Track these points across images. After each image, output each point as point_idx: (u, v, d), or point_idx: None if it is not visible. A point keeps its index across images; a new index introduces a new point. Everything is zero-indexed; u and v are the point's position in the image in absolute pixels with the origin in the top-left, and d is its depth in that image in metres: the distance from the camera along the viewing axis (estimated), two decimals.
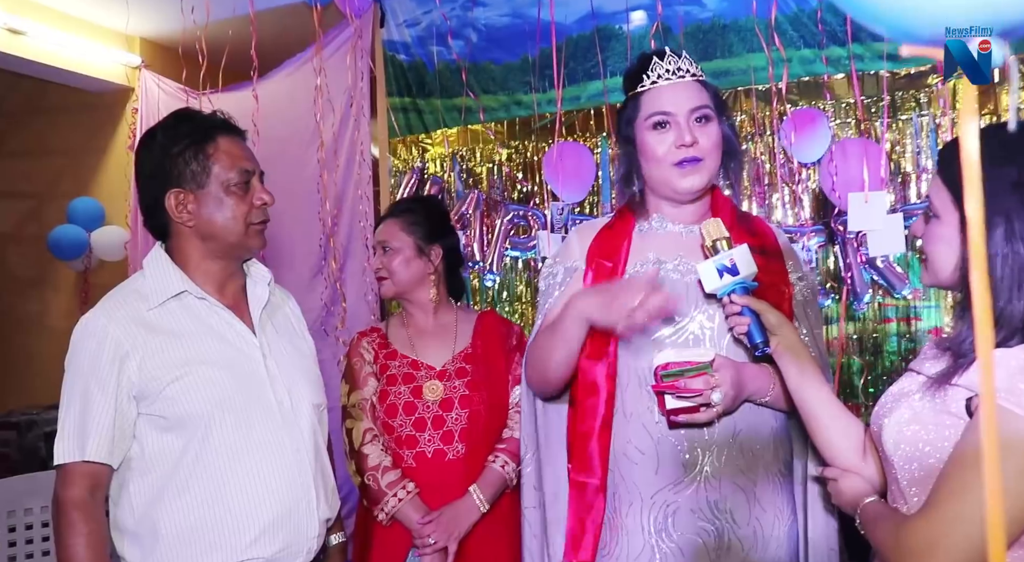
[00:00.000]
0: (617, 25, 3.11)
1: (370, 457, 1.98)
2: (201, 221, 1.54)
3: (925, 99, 2.87)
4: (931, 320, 2.86)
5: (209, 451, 1.48)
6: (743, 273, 1.42)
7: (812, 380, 1.39)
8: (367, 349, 2.12)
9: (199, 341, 1.52)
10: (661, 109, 1.57)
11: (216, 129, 1.56)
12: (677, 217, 1.65)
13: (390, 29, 3.46)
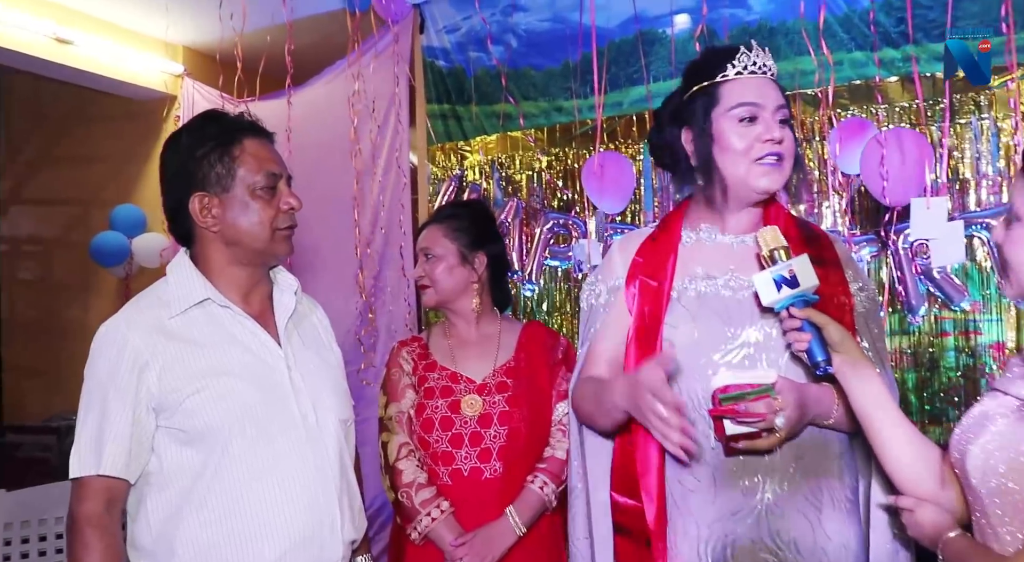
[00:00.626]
0: (660, 29, 3.03)
1: (404, 473, 1.92)
2: (226, 226, 1.49)
3: (985, 102, 2.74)
4: (992, 334, 2.72)
5: (229, 466, 1.42)
6: (803, 285, 1.32)
7: (880, 400, 1.29)
8: (407, 359, 2.06)
9: (221, 351, 1.47)
10: (751, 100, 1.48)
11: (243, 131, 1.51)
12: (729, 226, 1.56)
13: (429, 35, 3.43)
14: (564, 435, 1.97)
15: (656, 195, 3.08)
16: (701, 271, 1.54)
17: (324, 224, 3.27)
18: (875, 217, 2.82)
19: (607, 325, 1.60)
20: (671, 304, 1.53)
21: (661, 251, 1.58)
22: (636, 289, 1.56)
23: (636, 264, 1.60)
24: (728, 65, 1.50)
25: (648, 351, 1.50)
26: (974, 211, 2.68)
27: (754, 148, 1.47)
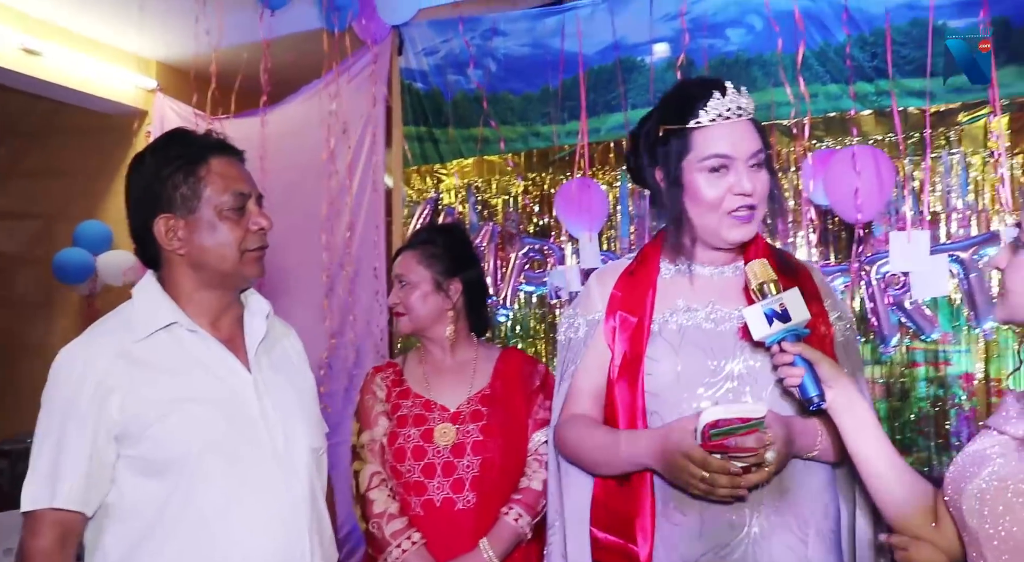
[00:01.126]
0: (639, 57, 3.05)
1: (376, 503, 1.87)
2: (192, 248, 1.43)
3: (955, 137, 2.79)
4: (961, 365, 2.75)
5: (195, 498, 1.36)
6: (795, 319, 1.30)
7: (873, 437, 1.27)
8: (380, 386, 2.02)
9: (188, 377, 1.41)
10: (721, 152, 1.43)
11: (209, 150, 1.45)
12: (708, 259, 1.54)
13: (408, 57, 3.42)
14: (540, 465, 1.93)
15: (632, 222, 3.09)
16: (682, 303, 1.52)
17: (296, 245, 3.23)
18: (848, 248, 2.85)
19: (587, 360, 1.58)
20: (652, 338, 1.50)
21: (640, 284, 1.55)
22: (616, 323, 1.54)
23: (615, 297, 1.56)
24: (700, 110, 1.44)
25: (632, 387, 1.48)
26: (945, 244, 2.71)
27: (726, 200, 1.44)
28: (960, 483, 1.08)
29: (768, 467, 1.32)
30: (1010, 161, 2.68)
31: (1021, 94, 2.65)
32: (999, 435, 1.08)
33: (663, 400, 1.46)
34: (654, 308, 1.52)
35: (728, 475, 1.31)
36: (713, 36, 2.94)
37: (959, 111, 2.74)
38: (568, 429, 1.56)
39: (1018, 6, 2.60)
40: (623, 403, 1.48)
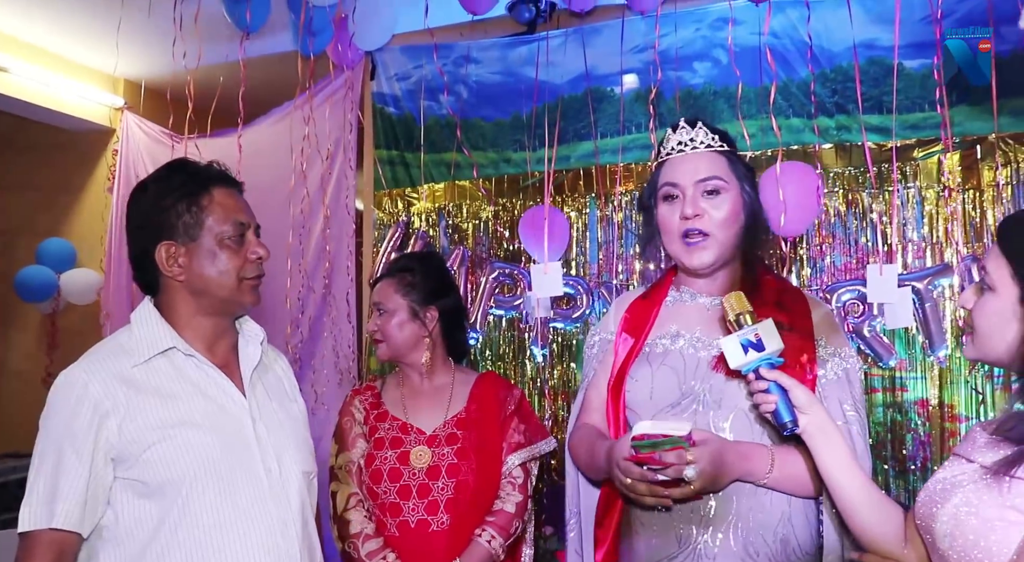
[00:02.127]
0: (609, 87, 3.12)
1: (352, 523, 1.91)
2: (192, 275, 1.47)
3: (910, 172, 2.89)
4: (917, 391, 2.84)
5: (189, 520, 1.38)
6: (769, 349, 1.36)
7: (845, 462, 1.31)
8: (359, 408, 2.06)
9: (185, 401, 1.44)
10: (669, 180, 1.59)
11: (211, 180, 1.51)
12: (703, 288, 1.66)
13: (380, 82, 3.46)
14: (514, 488, 1.99)
15: (601, 248, 3.14)
16: (675, 328, 1.63)
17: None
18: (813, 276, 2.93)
19: (598, 375, 1.72)
20: (639, 359, 1.63)
21: (646, 308, 1.69)
22: (621, 343, 1.67)
23: (625, 320, 1.70)
24: (662, 148, 1.64)
25: (616, 401, 1.62)
26: (901, 274, 2.80)
27: (674, 226, 1.58)
28: (931, 508, 1.14)
29: (692, 483, 1.39)
30: (961, 196, 2.80)
31: (972, 133, 2.76)
32: (968, 463, 1.14)
33: (638, 416, 1.58)
34: (651, 331, 1.64)
35: (647, 484, 1.41)
36: (681, 69, 3.02)
37: (915, 147, 2.85)
38: (573, 437, 1.73)
39: None
40: (611, 415, 1.63)
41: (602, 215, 3.14)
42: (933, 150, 2.81)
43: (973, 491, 1.08)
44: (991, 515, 1.05)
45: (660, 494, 1.42)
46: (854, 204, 2.91)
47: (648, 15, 2.96)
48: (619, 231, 3.10)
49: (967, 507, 1.08)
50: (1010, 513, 1.03)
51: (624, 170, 3.08)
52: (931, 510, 1.13)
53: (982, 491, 1.07)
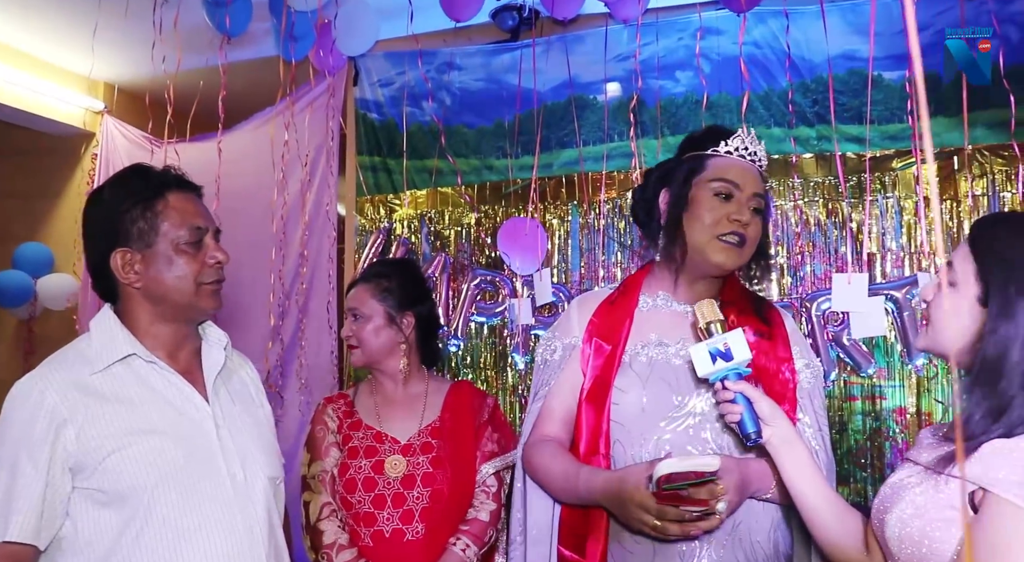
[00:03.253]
0: (591, 95, 3.13)
1: (326, 534, 1.88)
2: (149, 281, 1.45)
3: (889, 182, 2.92)
4: (896, 399, 2.86)
5: (151, 530, 1.35)
6: (737, 359, 1.36)
7: (807, 472, 1.33)
8: (331, 417, 2.03)
9: (146, 408, 1.42)
10: (730, 178, 1.53)
11: (166, 185, 1.48)
12: (685, 296, 1.61)
13: (363, 88, 3.45)
14: (488, 497, 1.98)
15: (583, 256, 3.15)
16: (655, 337, 1.58)
17: (245, 273, 3.21)
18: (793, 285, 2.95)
19: (560, 383, 1.63)
20: (622, 368, 1.57)
21: (617, 314, 1.62)
22: (591, 350, 1.60)
23: (592, 324, 1.63)
24: (722, 141, 1.57)
25: (598, 413, 1.54)
26: (879, 283, 2.83)
27: (720, 223, 1.52)
28: (882, 513, 1.15)
29: (720, 515, 1.37)
30: (939, 207, 2.83)
31: (949, 144, 2.79)
32: (915, 466, 1.15)
33: (627, 430, 1.52)
34: (628, 339, 1.59)
35: (680, 523, 1.36)
36: (664, 77, 3.04)
37: (893, 158, 2.88)
38: (535, 452, 1.62)
39: None
40: (588, 427, 1.54)
41: (584, 223, 3.15)
42: (911, 160, 2.84)
43: (919, 493, 1.10)
44: (933, 516, 1.06)
45: (691, 531, 1.38)
46: (834, 213, 2.93)
47: (631, 24, 2.98)
48: (602, 239, 3.11)
49: (912, 509, 1.09)
50: (950, 512, 1.04)
51: (607, 178, 3.08)
52: (882, 516, 1.15)
53: (926, 492, 1.08)
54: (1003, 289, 1.07)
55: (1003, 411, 1.03)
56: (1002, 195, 2.78)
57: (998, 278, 1.08)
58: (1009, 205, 2.76)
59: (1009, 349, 1.04)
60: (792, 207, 2.95)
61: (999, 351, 1.05)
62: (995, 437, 1.02)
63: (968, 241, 1.16)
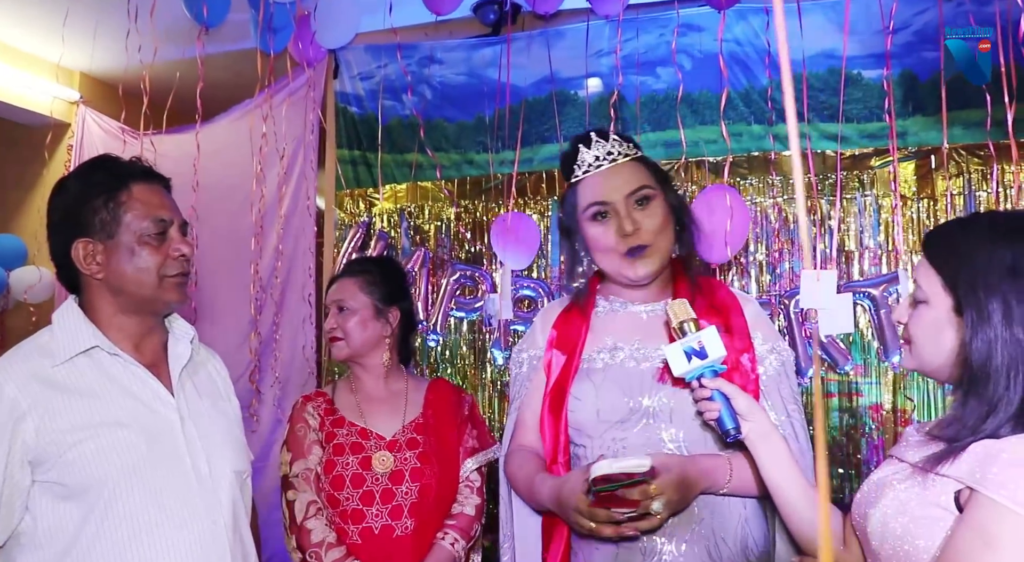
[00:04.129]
0: (572, 90, 3.12)
1: (314, 533, 1.84)
2: (110, 273, 1.44)
3: (867, 180, 2.94)
4: (872, 396, 2.88)
5: (112, 524, 1.33)
6: (712, 357, 1.37)
7: (785, 467, 1.34)
8: (312, 415, 2.00)
9: (109, 401, 1.40)
10: (597, 199, 1.53)
11: (131, 176, 1.47)
12: (637, 297, 1.62)
13: (343, 81, 3.42)
14: (472, 491, 1.99)
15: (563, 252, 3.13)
16: (610, 341, 1.59)
17: (224, 266, 3.18)
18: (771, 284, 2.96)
19: (530, 393, 1.66)
20: (579, 375, 1.58)
21: (575, 322, 1.63)
22: (552, 360, 1.61)
23: (552, 336, 1.65)
24: (575, 166, 1.56)
25: (556, 421, 1.56)
26: (857, 280, 2.85)
27: (616, 246, 1.52)
28: (865, 508, 1.16)
29: (658, 514, 1.38)
30: (916, 205, 2.85)
31: (926, 143, 2.82)
32: (900, 463, 1.16)
33: (586, 435, 1.54)
34: (585, 346, 1.59)
35: (613, 525, 1.38)
36: (644, 73, 3.04)
37: (871, 156, 2.90)
38: (509, 462, 1.66)
39: (923, 62, 2.77)
40: (549, 436, 1.57)
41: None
42: (889, 159, 2.86)
43: (903, 490, 1.10)
44: (917, 513, 1.07)
45: (626, 532, 1.39)
46: (813, 211, 2.94)
47: (612, 19, 2.97)
48: None
49: (896, 506, 1.10)
50: (935, 510, 1.05)
51: None
52: (864, 510, 1.16)
53: (910, 490, 1.09)
54: (973, 294, 1.07)
55: (991, 413, 1.04)
56: (978, 194, 2.81)
57: (965, 284, 1.08)
58: (985, 204, 2.78)
59: (992, 352, 1.05)
60: (771, 204, 2.96)
61: (984, 356, 1.06)
62: (983, 437, 1.02)
63: (926, 257, 1.16)
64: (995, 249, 1.06)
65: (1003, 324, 1.04)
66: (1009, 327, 1.04)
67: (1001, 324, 1.04)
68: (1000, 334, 1.04)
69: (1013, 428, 1.02)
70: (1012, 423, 1.02)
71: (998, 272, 1.05)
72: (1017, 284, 1.04)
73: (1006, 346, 1.04)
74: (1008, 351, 1.04)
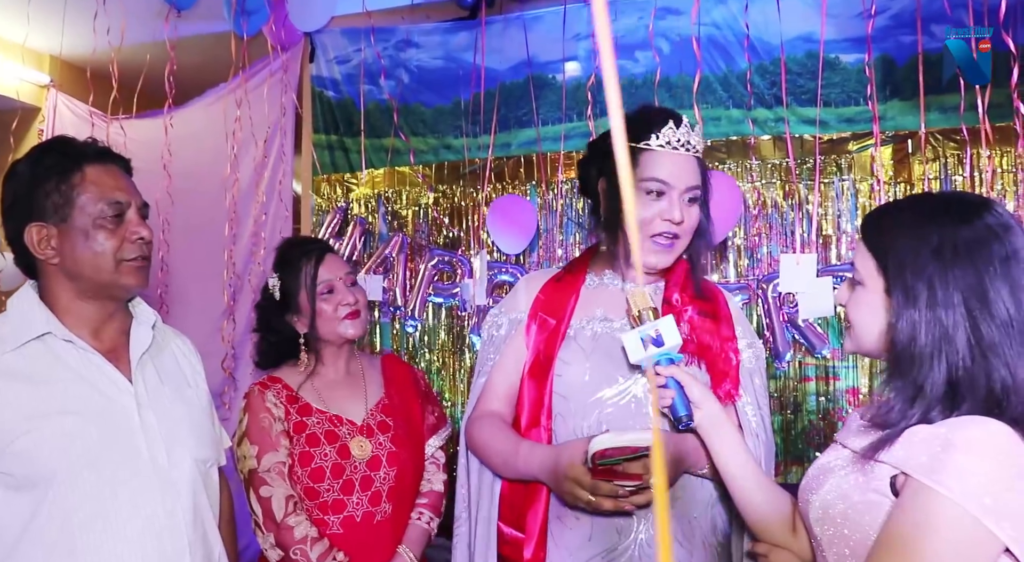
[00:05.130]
0: (550, 74, 3.10)
1: (296, 530, 1.77)
2: (65, 257, 1.40)
3: (845, 164, 2.94)
4: (849, 380, 2.90)
5: (64, 514, 1.30)
6: (668, 344, 1.39)
7: (737, 454, 1.35)
8: (275, 404, 1.87)
9: (61, 388, 1.36)
10: (661, 178, 1.50)
11: (85, 158, 1.43)
12: (630, 276, 1.62)
13: (319, 65, 3.38)
14: (438, 468, 1.99)
15: (541, 237, 3.13)
16: (600, 312, 1.58)
17: (198, 251, 3.14)
18: (749, 266, 2.96)
19: (505, 357, 1.63)
20: (566, 342, 1.57)
21: (564, 291, 1.62)
22: (536, 325, 1.60)
23: (539, 301, 1.63)
24: (652, 135, 1.51)
25: (540, 386, 1.54)
26: (835, 265, 2.86)
27: (654, 223, 1.51)
28: (807, 494, 1.16)
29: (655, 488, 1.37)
30: (893, 190, 2.86)
31: (904, 128, 2.82)
32: (843, 449, 1.16)
33: (569, 402, 1.52)
34: (573, 314, 1.58)
35: (613, 499, 1.37)
36: (623, 57, 3.02)
37: (849, 140, 2.90)
38: (478, 428, 1.61)
39: (901, 46, 2.77)
40: (530, 401, 1.54)
41: (543, 203, 3.13)
42: (867, 143, 2.86)
43: (843, 477, 1.10)
44: (856, 499, 1.07)
45: (624, 506, 1.38)
46: (791, 195, 2.94)
47: (589, 2, 2.94)
48: (560, 219, 3.09)
49: (837, 493, 1.10)
50: (873, 496, 1.05)
51: (565, 158, 3.06)
52: (807, 496, 1.16)
53: (850, 476, 1.09)
54: (900, 276, 1.07)
55: (918, 396, 1.04)
56: (954, 179, 2.82)
57: (894, 267, 1.08)
58: (960, 189, 2.79)
59: (916, 334, 1.05)
60: (750, 189, 2.96)
61: (908, 338, 1.06)
62: (915, 423, 1.02)
63: (862, 238, 1.17)
64: (923, 231, 1.06)
65: (928, 306, 1.04)
66: (933, 309, 1.04)
67: (926, 306, 1.04)
68: (924, 316, 1.04)
69: (943, 411, 1.02)
70: (942, 406, 1.02)
71: (925, 254, 1.05)
72: (942, 266, 1.04)
73: (930, 328, 1.04)
74: (933, 333, 1.04)
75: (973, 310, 1.02)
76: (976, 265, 1.03)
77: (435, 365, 3.22)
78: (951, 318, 1.03)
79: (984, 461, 0.95)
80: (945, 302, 1.03)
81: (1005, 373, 1.01)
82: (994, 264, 1.02)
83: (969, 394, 1.01)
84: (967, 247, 1.03)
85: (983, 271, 1.02)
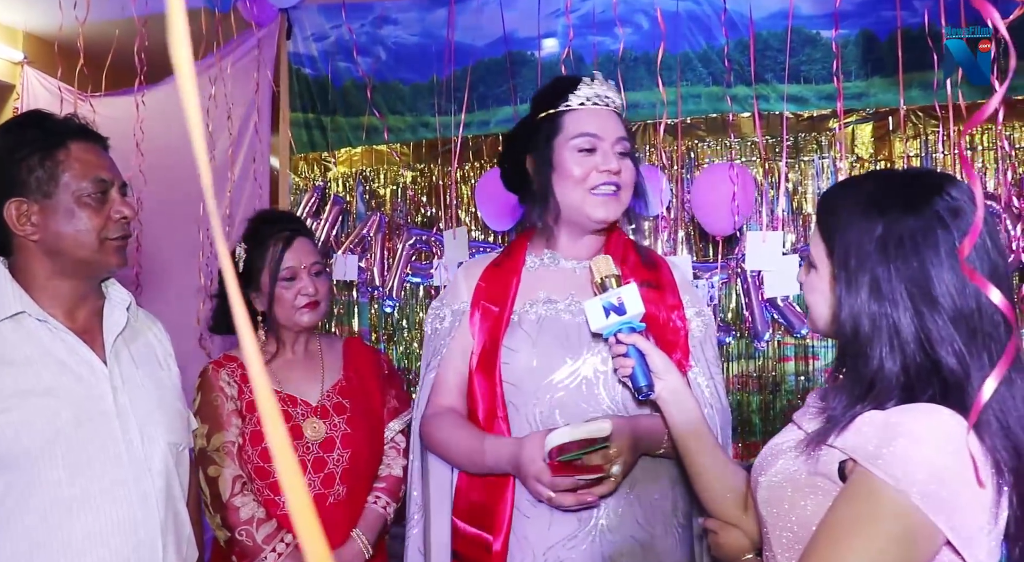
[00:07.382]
0: (529, 51, 3.06)
1: (243, 509, 1.76)
2: (47, 235, 1.38)
3: (825, 142, 2.92)
4: (827, 359, 2.88)
5: (37, 497, 1.29)
6: (630, 312, 1.36)
7: (695, 428, 1.33)
8: (229, 382, 1.86)
9: (35, 369, 1.34)
10: (590, 131, 1.50)
11: (69, 134, 1.41)
12: (571, 252, 1.59)
13: (296, 42, 3.32)
14: (398, 453, 1.96)
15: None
16: (543, 295, 1.55)
17: (173, 232, 3.10)
18: (727, 246, 2.94)
19: (452, 351, 1.60)
20: (511, 328, 1.54)
21: (504, 276, 1.59)
22: (479, 313, 1.57)
23: (480, 289, 1.60)
24: (571, 95, 1.53)
25: (489, 377, 1.50)
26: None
27: (591, 177, 1.49)
28: (757, 475, 1.15)
29: (615, 478, 1.37)
30: (874, 168, 2.84)
31: (885, 105, 2.79)
32: (798, 429, 1.14)
33: (520, 390, 1.49)
34: (516, 298, 1.55)
35: (574, 492, 1.36)
36: (602, 33, 2.98)
37: (830, 117, 2.87)
38: (434, 425, 1.58)
39: (882, 22, 2.74)
40: (482, 393, 1.51)
41: None
42: (847, 121, 2.84)
43: (792, 459, 1.08)
44: (802, 482, 1.05)
45: (586, 499, 1.38)
46: (771, 173, 2.91)
47: None
48: None
49: (783, 474, 1.08)
50: (819, 480, 1.03)
51: None
52: (756, 477, 1.15)
53: (799, 459, 1.07)
54: (845, 263, 1.05)
55: (870, 385, 1.01)
56: (934, 156, 2.80)
57: (839, 253, 1.06)
58: (941, 166, 2.77)
59: (859, 322, 1.02)
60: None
61: (852, 326, 1.03)
62: (869, 409, 1.00)
63: (816, 222, 1.14)
64: (869, 220, 1.03)
65: (872, 298, 1.01)
66: (879, 302, 1.01)
67: (870, 298, 1.01)
68: (867, 308, 1.01)
69: (899, 399, 0.99)
70: (898, 398, 0.99)
71: (868, 245, 1.02)
72: (885, 259, 1.01)
73: (875, 320, 1.01)
74: (878, 325, 1.01)
75: (918, 303, 0.99)
76: (921, 256, 0.99)
77: (413, 345, 3.20)
78: (896, 311, 1.00)
79: (930, 450, 0.93)
80: (890, 295, 1.00)
81: (955, 364, 0.98)
82: (940, 254, 0.99)
83: (923, 385, 0.99)
84: (912, 238, 1.00)
85: (928, 262, 0.99)
